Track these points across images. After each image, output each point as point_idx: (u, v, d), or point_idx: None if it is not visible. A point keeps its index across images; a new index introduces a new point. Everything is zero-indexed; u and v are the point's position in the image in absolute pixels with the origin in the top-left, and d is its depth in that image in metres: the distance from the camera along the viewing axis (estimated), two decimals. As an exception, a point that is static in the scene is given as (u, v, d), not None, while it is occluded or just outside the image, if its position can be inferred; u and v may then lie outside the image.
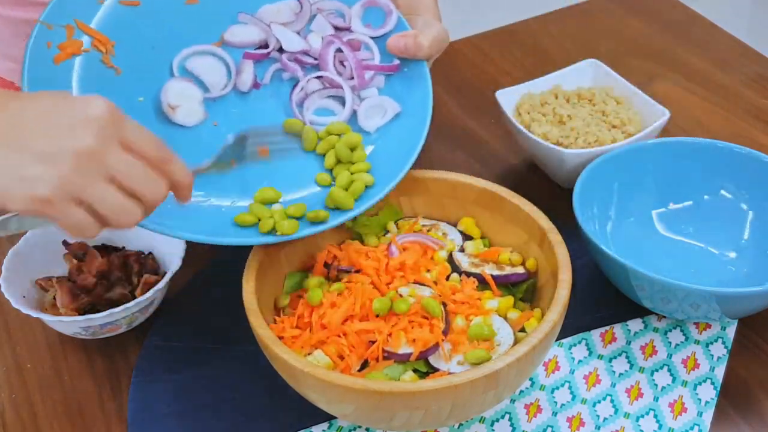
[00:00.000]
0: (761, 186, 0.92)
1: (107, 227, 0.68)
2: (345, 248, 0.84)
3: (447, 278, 0.82)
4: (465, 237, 0.87)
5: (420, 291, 0.79)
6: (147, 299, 0.85)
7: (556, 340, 0.86)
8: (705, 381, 0.83)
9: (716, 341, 0.86)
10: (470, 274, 0.82)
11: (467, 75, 1.24)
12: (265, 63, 0.91)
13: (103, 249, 0.91)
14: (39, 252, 0.90)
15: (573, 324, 0.86)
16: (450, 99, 0.90)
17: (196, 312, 0.91)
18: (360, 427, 0.80)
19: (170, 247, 0.89)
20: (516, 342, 0.76)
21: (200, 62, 0.89)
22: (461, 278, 0.82)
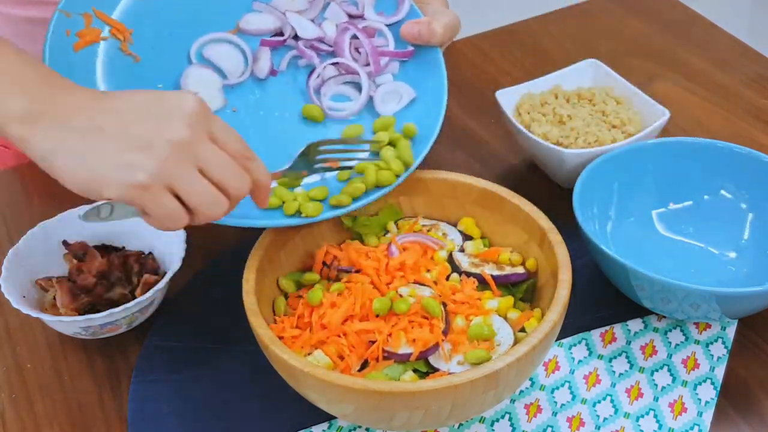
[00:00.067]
0: (761, 186, 0.92)
1: (193, 219, 0.69)
2: (345, 248, 0.84)
3: (447, 278, 0.82)
4: (465, 237, 0.87)
5: (420, 291, 0.79)
6: (147, 299, 0.85)
7: (556, 340, 0.86)
8: (705, 381, 0.83)
9: (716, 341, 0.86)
10: (470, 274, 0.82)
11: (467, 75, 1.24)
12: (281, 50, 0.92)
13: (103, 249, 0.91)
14: (39, 252, 0.90)
15: (573, 324, 0.86)
16: (450, 99, 0.90)
17: (196, 312, 0.91)
18: (360, 427, 0.80)
19: (170, 247, 0.89)
20: (516, 342, 0.76)
21: (217, 50, 0.90)
22: (461, 278, 0.82)
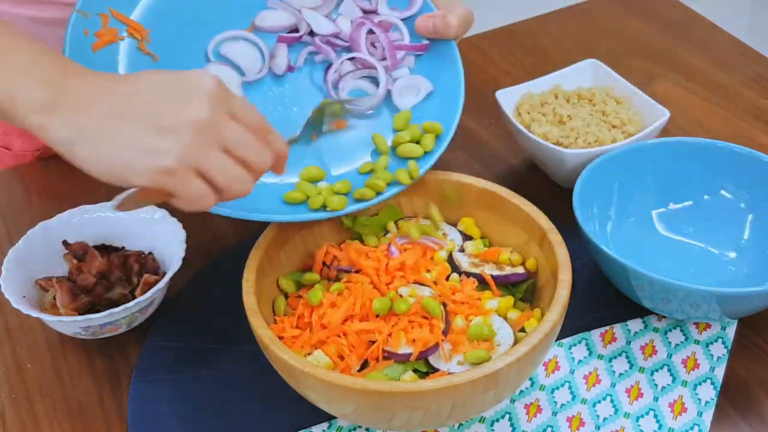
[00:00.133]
0: (761, 186, 0.92)
1: (221, 198, 0.69)
2: (345, 248, 0.84)
3: (447, 278, 0.82)
4: (465, 237, 0.87)
5: (420, 291, 0.79)
6: (147, 299, 0.85)
7: (556, 340, 0.86)
8: (705, 381, 0.83)
9: (716, 341, 0.86)
10: (470, 274, 0.82)
11: (467, 75, 1.22)
12: (297, 47, 0.93)
13: (103, 249, 0.91)
14: (39, 252, 0.90)
15: (573, 324, 0.86)
16: (450, 99, 0.91)
17: (196, 312, 0.91)
18: (360, 427, 0.80)
19: (170, 247, 0.89)
20: (516, 342, 0.76)
21: (234, 47, 0.90)
22: (461, 278, 0.82)
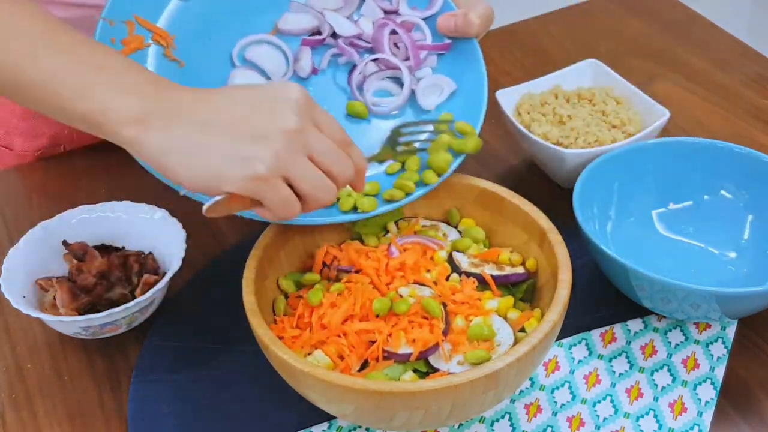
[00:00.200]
0: (761, 186, 0.92)
1: (304, 208, 0.71)
2: (345, 248, 0.84)
3: (447, 278, 0.82)
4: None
5: (420, 291, 0.79)
6: (147, 299, 0.85)
7: (556, 340, 0.86)
8: (705, 381, 0.83)
9: (716, 341, 0.86)
10: (470, 275, 0.81)
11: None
12: (320, 49, 0.93)
13: (103, 249, 0.91)
14: (39, 252, 0.90)
15: (573, 324, 0.86)
16: (450, 99, 0.91)
17: (196, 312, 0.91)
18: (360, 427, 0.80)
19: (170, 247, 0.89)
20: (516, 342, 0.76)
21: (258, 51, 0.91)
22: (461, 278, 0.81)
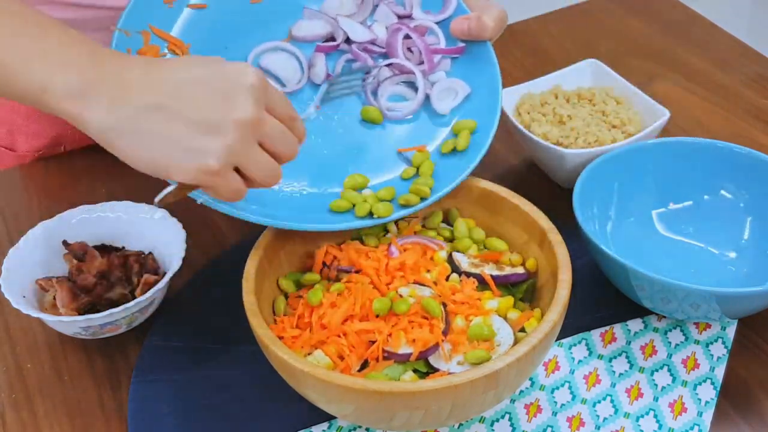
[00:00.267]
0: (761, 186, 0.92)
1: (249, 186, 0.71)
2: (345, 248, 0.84)
3: (447, 278, 0.82)
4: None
5: (420, 291, 0.79)
6: (147, 299, 0.85)
7: (556, 340, 0.86)
8: (705, 381, 0.83)
9: (716, 341, 0.86)
10: (470, 275, 0.81)
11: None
12: (334, 55, 0.93)
13: (103, 249, 0.91)
14: (39, 252, 0.90)
15: (573, 324, 0.86)
16: (450, 99, 0.91)
17: (196, 312, 0.91)
18: (360, 427, 0.80)
19: (170, 247, 0.89)
20: (516, 342, 0.76)
21: (273, 58, 0.91)
22: (461, 278, 0.81)
